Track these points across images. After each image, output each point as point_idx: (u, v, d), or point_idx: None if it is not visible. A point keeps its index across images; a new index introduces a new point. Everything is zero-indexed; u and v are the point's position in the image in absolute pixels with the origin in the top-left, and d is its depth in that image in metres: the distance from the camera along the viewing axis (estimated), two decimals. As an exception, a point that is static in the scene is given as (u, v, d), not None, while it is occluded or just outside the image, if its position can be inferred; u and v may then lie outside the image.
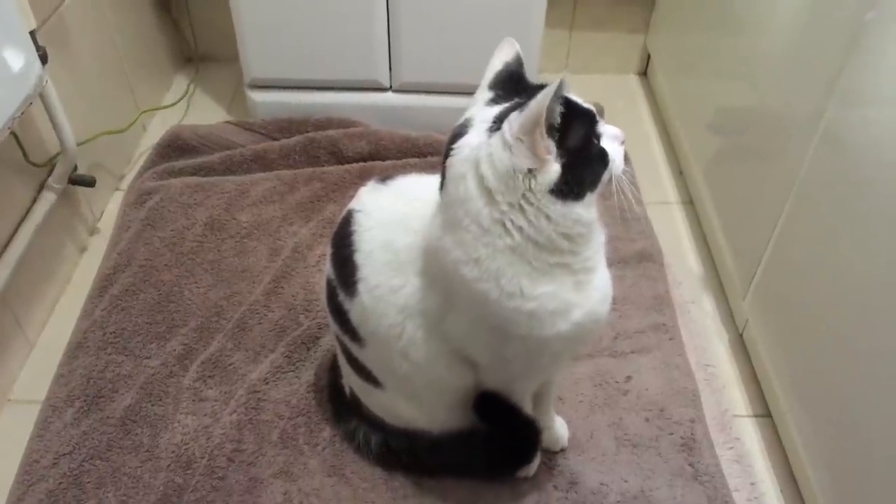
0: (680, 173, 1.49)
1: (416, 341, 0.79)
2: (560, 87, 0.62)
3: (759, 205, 1.10)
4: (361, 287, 0.79)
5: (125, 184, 1.45)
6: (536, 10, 1.41)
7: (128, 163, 1.51)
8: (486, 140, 0.67)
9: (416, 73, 1.50)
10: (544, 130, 0.63)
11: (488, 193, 0.67)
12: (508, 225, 0.67)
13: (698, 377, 1.09)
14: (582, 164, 0.67)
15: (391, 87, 1.53)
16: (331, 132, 1.48)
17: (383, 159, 1.46)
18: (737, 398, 1.10)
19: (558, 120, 0.65)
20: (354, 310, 0.81)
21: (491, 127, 0.67)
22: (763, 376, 1.09)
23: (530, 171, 0.65)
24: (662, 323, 1.16)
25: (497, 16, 1.41)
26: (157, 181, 1.39)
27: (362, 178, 1.40)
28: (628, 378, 1.08)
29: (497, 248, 0.68)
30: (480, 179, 0.67)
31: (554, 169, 0.65)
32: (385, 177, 0.85)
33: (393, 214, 0.80)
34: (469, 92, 1.47)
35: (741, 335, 1.17)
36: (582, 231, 0.69)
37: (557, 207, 0.66)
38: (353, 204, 0.84)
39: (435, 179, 0.79)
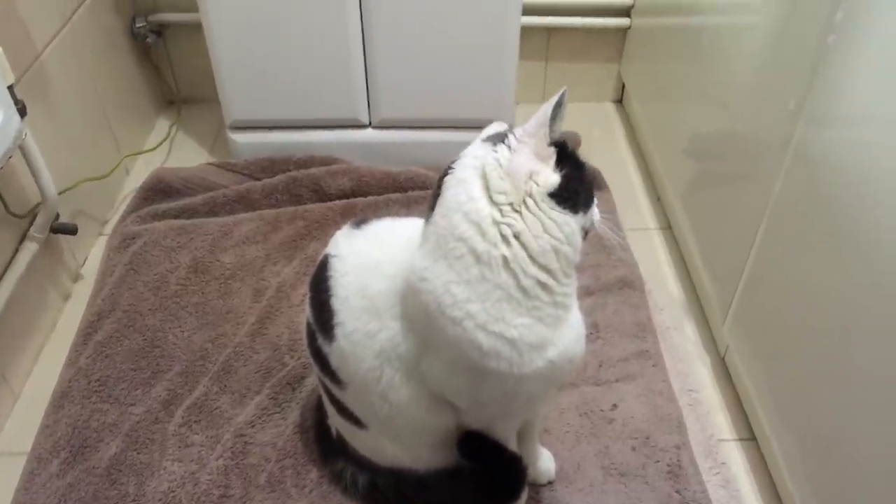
0: (658, 199, 1.52)
1: (395, 384, 0.80)
2: (561, 96, 0.69)
3: (735, 229, 1.12)
4: (339, 332, 0.80)
5: (109, 228, 1.45)
6: (510, 43, 1.43)
7: (111, 207, 1.51)
8: (490, 149, 0.71)
9: (395, 110, 1.52)
10: (547, 132, 0.68)
11: (490, 195, 0.69)
12: (506, 231, 0.69)
13: (682, 403, 1.10)
14: (577, 181, 0.71)
15: (370, 123, 1.55)
16: (312, 170, 1.50)
17: (365, 195, 1.47)
18: (721, 423, 1.11)
19: (558, 134, 0.70)
20: (333, 353, 0.82)
21: (492, 139, 0.72)
22: (746, 400, 1.10)
23: (531, 175, 0.69)
24: (645, 350, 1.17)
25: (472, 50, 1.43)
26: (140, 225, 1.40)
27: (345, 216, 1.43)
28: (614, 406, 1.09)
29: (491, 261, 0.70)
30: (484, 178, 0.70)
31: (554, 175, 0.69)
32: (360, 220, 0.87)
33: (368, 259, 0.82)
34: (447, 126, 1.50)
35: (723, 359, 1.18)
36: (569, 252, 0.72)
37: (556, 213, 0.69)
38: (329, 249, 0.85)
39: (410, 223, 0.81)
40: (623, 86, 1.78)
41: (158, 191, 1.48)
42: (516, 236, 0.69)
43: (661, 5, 1.53)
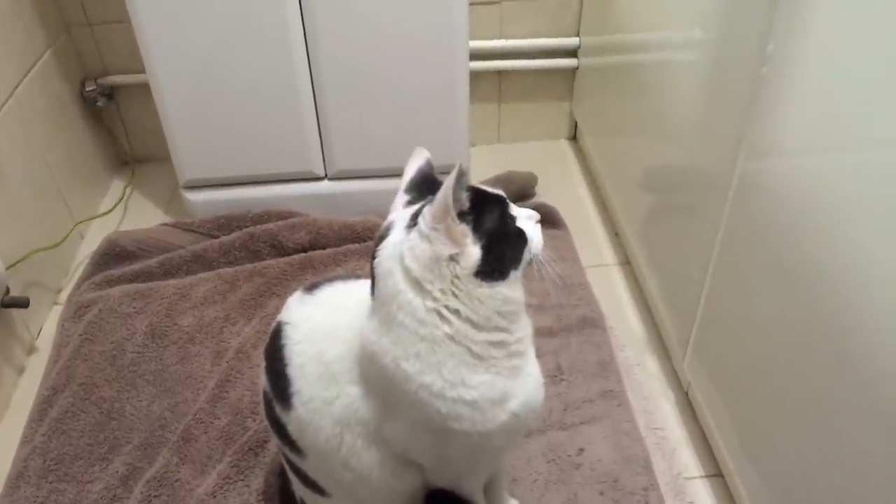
0: (615, 234, 1.53)
1: (357, 451, 0.78)
2: (458, 172, 0.65)
3: (688, 262, 1.13)
4: (296, 401, 0.79)
5: (64, 297, 1.43)
6: (460, 89, 1.45)
7: (65, 275, 1.49)
8: (406, 236, 0.69)
9: (350, 160, 1.53)
10: (455, 216, 0.66)
11: (417, 285, 0.69)
12: (444, 312, 0.69)
13: (648, 442, 1.10)
14: (501, 244, 0.69)
15: (326, 175, 1.55)
16: (270, 225, 1.49)
17: (324, 248, 1.47)
18: (688, 460, 1.11)
19: (467, 205, 0.68)
20: (292, 423, 0.81)
21: (409, 224, 0.70)
22: (710, 436, 1.10)
23: (452, 257, 0.67)
24: (609, 389, 1.17)
25: (422, 98, 1.45)
26: (95, 292, 1.38)
27: (304, 270, 1.42)
28: (580, 451, 1.08)
29: (436, 339, 0.69)
30: (407, 272, 0.69)
31: (474, 252, 0.68)
32: (312, 285, 0.86)
33: (321, 325, 0.81)
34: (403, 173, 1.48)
35: (687, 394, 1.18)
36: (513, 309, 0.71)
37: (485, 290, 0.68)
38: (282, 316, 0.84)
39: (361, 284, 0.80)
40: (576, 123, 1.80)
41: (113, 255, 1.46)
42: (456, 313, 0.69)
43: (605, 46, 1.56)
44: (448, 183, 0.64)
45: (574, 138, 1.84)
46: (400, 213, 0.73)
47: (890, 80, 0.67)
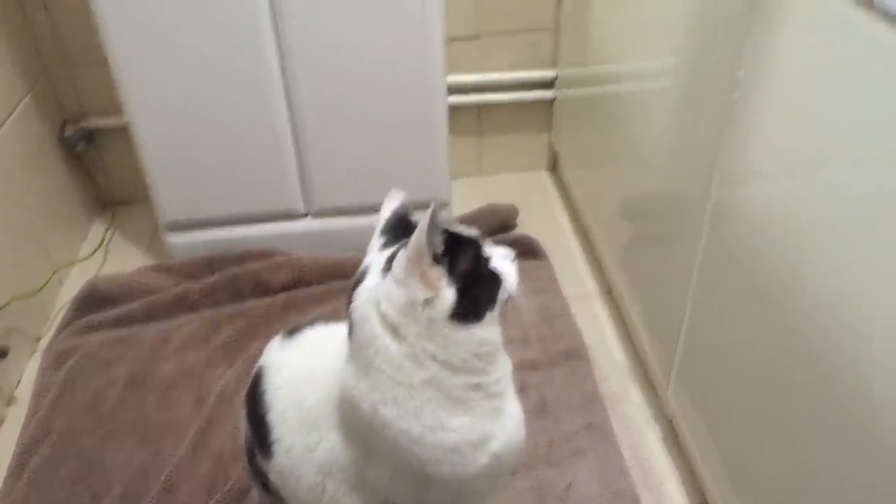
0: (596, 263, 1.53)
1: (340, 498, 0.77)
2: (432, 217, 0.65)
3: (668, 290, 1.14)
4: (277, 448, 0.78)
5: (44, 344, 1.41)
6: (438, 124, 1.46)
7: (45, 322, 1.48)
8: (381, 280, 0.69)
9: (331, 198, 1.53)
10: (429, 260, 0.66)
11: (393, 330, 0.68)
12: (421, 356, 0.68)
13: (635, 474, 1.09)
14: (475, 286, 0.69)
15: (308, 213, 1.55)
16: (252, 265, 1.49)
17: (307, 285, 1.46)
18: (675, 492, 1.10)
19: (441, 248, 0.67)
20: (273, 470, 0.80)
21: (384, 268, 0.70)
22: (696, 466, 1.10)
23: (427, 301, 0.67)
24: (595, 422, 1.16)
25: (402, 133, 1.45)
26: (75, 339, 1.36)
27: (287, 310, 1.41)
28: (568, 486, 1.08)
29: (413, 384, 0.69)
30: (383, 318, 0.68)
31: (449, 295, 0.67)
32: (292, 329, 0.86)
33: (302, 370, 0.81)
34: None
35: (672, 424, 1.18)
36: (489, 350, 0.71)
37: (460, 333, 0.68)
38: (263, 361, 0.84)
39: (342, 327, 0.79)
40: (556, 154, 1.82)
41: (93, 301, 1.45)
42: (432, 357, 0.68)
43: (581, 77, 1.58)
44: (421, 227, 0.64)
45: (554, 169, 1.85)
46: (375, 256, 0.73)
47: (854, 104, 0.68)
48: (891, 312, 0.65)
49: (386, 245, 0.74)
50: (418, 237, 0.65)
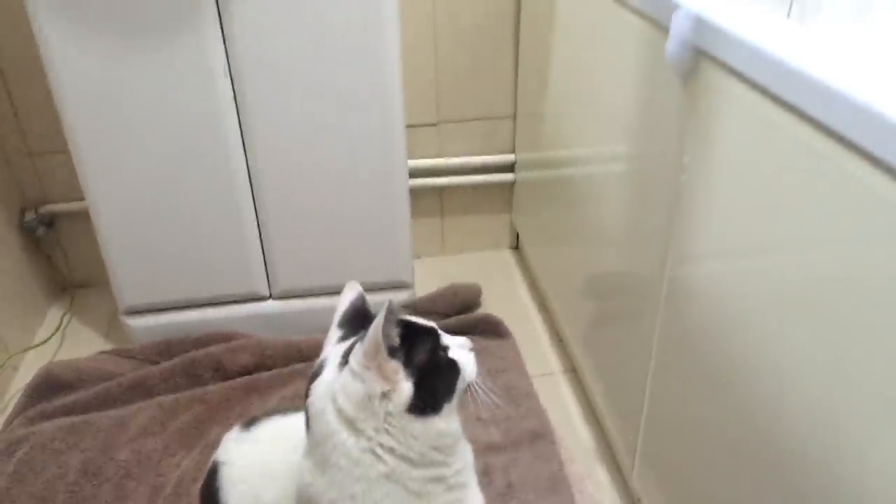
0: (560, 341, 1.55)
1: None
2: (389, 311, 0.66)
3: (629, 369, 1.15)
4: None
5: (-7, 434, 1.36)
6: (401, 206, 1.49)
7: (-3, 410, 1.43)
8: (338, 374, 0.69)
9: (294, 279, 1.53)
10: (386, 354, 0.66)
11: (351, 424, 0.68)
12: (379, 451, 0.68)
13: (603, 559, 1.08)
14: (433, 377, 0.70)
15: (271, 295, 1.55)
16: (212, 348, 1.47)
17: (269, 369, 1.45)
18: (644, 575, 1.09)
19: (398, 341, 0.68)
20: None
21: (341, 362, 0.70)
22: (664, 548, 1.09)
23: (384, 394, 0.67)
24: (561, 505, 1.15)
25: (365, 215, 1.48)
26: (27, 428, 1.32)
27: (248, 393, 1.39)
28: (535, 572, 1.06)
29: (371, 479, 0.68)
30: (339, 412, 0.68)
31: (406, 388, 0.68)
32: (249, 421, 0.85)
33: (258, 465, 0.79)
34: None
35: (638, 505, 1.18)
36: (448, 442, 0.71)
37: (417, 426, 0.68)
38: (219, 455, 0.82)
39: (300, 418, 0.79)
40: (517, 233, 1.86)
41: (48, 387, 1.41)
42: (391, 451, 0.68)
43: (538, 161, 1.64)
44: (377, 321, 0.65)
45: (516, 247, 1.89)
46: (333, 349, 0.74)
47: (786, 190, 0.72)
48: (832, 392, 0.67)
49: (344, 338, 0.75)
50: (374, 331, 0.65)
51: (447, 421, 0.70)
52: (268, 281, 1.53)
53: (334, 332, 0.76)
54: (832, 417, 0.67)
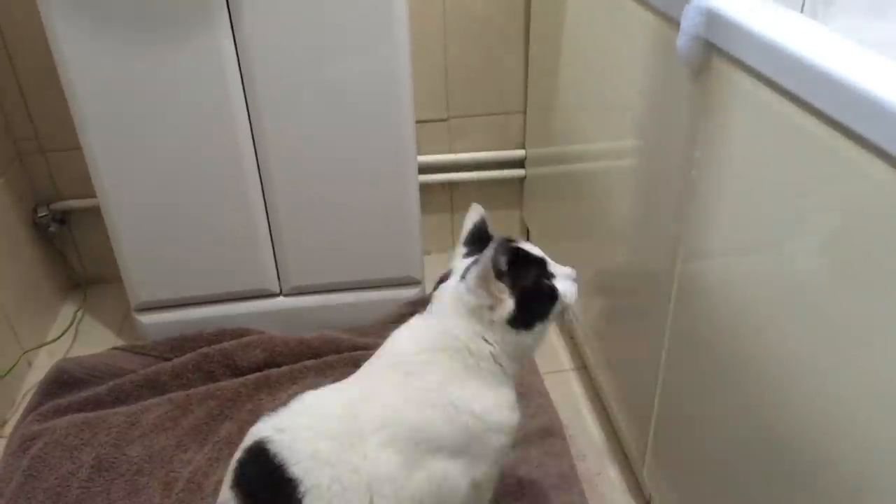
0: (571, 338, 1.54)
1: None
2: (499, 245, 0.81)
3: (640, 365, 1.15)
4: (311, 499, 0.80)
5: (9, 429, 1.37)
6: (411, 202, 1.48)
7: (12, 405, 1.44)
8: (457, 285, 0.86)
9: (305, 276, 1.53)
10: (493, 277, 0.82)
11: (468, 315, 0.85)
12: (488, 336, 0.85)
13: (614, 557, 1.07)
14: (532, 300, 0.85)
15: (281, 291, 1.55)
16: (224, 344, 1.47)
17: (279, 366, 1.45)
18: (655, 573, 1.08)
19: (505, 268, 0.82)
20: None
21: (462, 275, 0.86)
22: (675, 546, 1.08)
23: (490, 307, 0.83)
24: (572, 503, 1.15)
25: (375, 212, 1.47)
26: (41, 424, 1.33)
27: (259, 389, 1.40)
28: (545, 569, 1.06)
29: (482, 356, 0.86)
30: (456, 311, 0.86)
31: (508, 304, 0.84)
32: (272, 413, 0.87)
33: (313, 421, 0.85)
34: (359, 287, 1.54)
35: (649, 503, 1.17)
36: (528, 352, 0.91)
37: (511, 336, 0.85)
38: (256, 435, 0.85)
39: (331, 390, 0.91)
40: (528, 229, 1.85)
41: (61, 384, 1.42)
42: (496, 343, 0.85)
43: (549, 156, 1.63)
44: (486, 255, 0.80)
45: (527, 243, 1.88)
46: (459, 262, 0.90)
47: (797, 185, 0.71)
48: (844, 389, 0.66)
49: (468, 254, 0.91)
50: (485, 261, 0.81)
51: (534, 338, 0.87)
52: (278, 277, 1.53)
53: (460, 248, 0.93)
54: (845, 413, 0.66)
